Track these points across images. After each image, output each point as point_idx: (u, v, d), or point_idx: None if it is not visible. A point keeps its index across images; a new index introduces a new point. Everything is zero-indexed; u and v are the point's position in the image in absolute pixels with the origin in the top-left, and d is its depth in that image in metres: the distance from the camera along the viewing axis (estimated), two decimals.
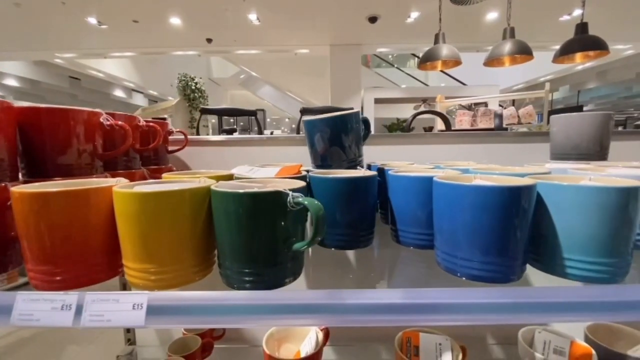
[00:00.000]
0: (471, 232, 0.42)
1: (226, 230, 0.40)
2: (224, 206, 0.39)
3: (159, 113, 3.38)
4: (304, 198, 0.38)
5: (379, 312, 0.37)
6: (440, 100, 3.87)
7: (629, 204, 0.39)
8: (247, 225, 0.38)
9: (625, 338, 0.88)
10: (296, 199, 0.38)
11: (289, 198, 0.38)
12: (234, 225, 0.39)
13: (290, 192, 0.38)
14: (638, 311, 0.37)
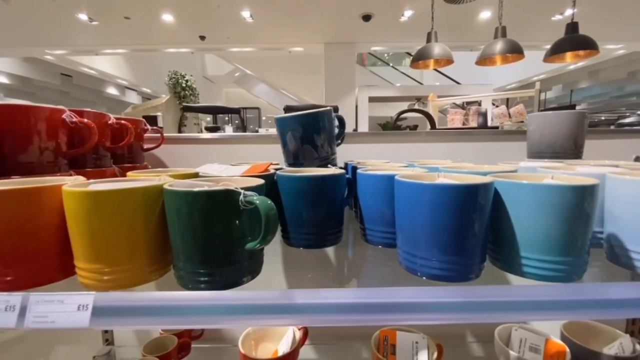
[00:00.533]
0: (428, 230, 0.42)
1: (177, 229, 0.39)
2: (174, 205, 0.38)
3: (149, 111, 3.33)
4: (256, 197, 0.37)
5: (336, 311, 0.36)
6: (432, 99, 3.87)
7: (584, 203, 0.39)
8: (198, 224, 0.37)
9: (602, 335, 0.88)
10: (248, 198, 0.37)
11: (241, 197, 0.37)
12: (184, 225, 0.38)
13: (242, 190, 0.37)
14: (591, 310, 0.37)
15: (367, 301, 0.36)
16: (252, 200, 0.37)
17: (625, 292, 0.36)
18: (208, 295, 0.37)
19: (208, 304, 0.36)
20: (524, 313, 0.37)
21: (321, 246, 0.55)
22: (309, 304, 0.36)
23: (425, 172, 0.53)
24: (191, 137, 0.96)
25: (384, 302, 0.37)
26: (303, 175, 0.52)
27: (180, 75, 3.03)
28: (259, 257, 0.45)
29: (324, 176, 0.53)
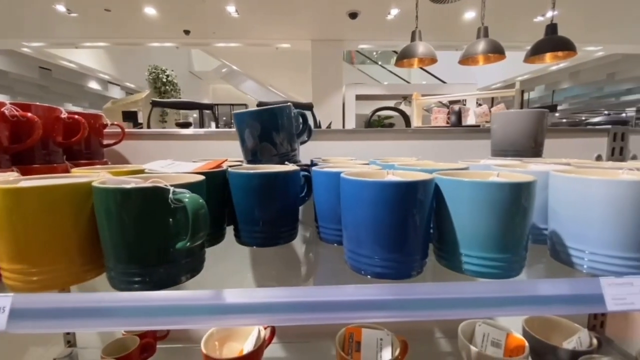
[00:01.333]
0: (369, 228, 0.41)
1: (105, 228, 0.37)
2: (100, 202, 0.37)
3: (129, 106, 3.26)
4: (188, 195, 0.36)
5: (266, 311, 0.36)
6: (416, 97, 3.90)
7: (520, 200, 0.39)
8: (125, 222, 0.36)
9: (562, 330, 0.90)
10: (177, 196, 0.36)
11: (170, 194, 0.36)
12: (111, 223, 0.37)
13: (171, 188, 0.36)
14: (522, 306, 0.37)
15: (294, 300, 0.35)
16: (180, 198, 0.36)
17: (555, 289, 0.37)
18: (136, 297, 0.36)
19: (134, 305, 0.35)
20: (457, 310, 0.37)
21: (274, 244, 0.54)
22: (239, 303, 0.35)
23: (377, 170, 0.53)
24: (155, 133, 0.94)
25: (316, 301, 0.36)
26: (253, 172, 0.51)
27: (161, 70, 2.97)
28: (199, 255, 0.43)
29: (275, 173, 0.52)
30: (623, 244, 0.40)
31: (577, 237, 0.43)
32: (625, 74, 7.78)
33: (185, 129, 0.99)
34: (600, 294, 0.36)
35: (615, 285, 0.36)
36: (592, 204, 0.40)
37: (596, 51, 6.52)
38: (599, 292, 0.36)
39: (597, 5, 4.68)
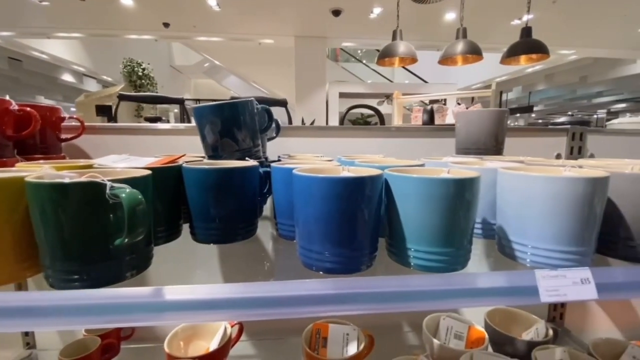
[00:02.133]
0: (319, 224, 0.41)
1: (40, 224, 0.36)
2: (33, 198, 0.35)
3: (103, 100, 3.14)
4: (128, 190, 0.35)
5: (206, 307, 0.35)
6: (397, 96, 3.95)
7: (464, 195, 0.40)
8: (57, 218, 0.35)
9: (522, 321, 0.94)
10: (114, 191, 0.35)
11: (107, 190, 0.35)
12: (44, 219, 0.35)
13: (108, 182, 0.35)
14: (467, 299, 0.38)
15: (240, 296, 0.35)
16: (117, 193, 0.34)
17: (493, 282, 0.38)
18: (72, 295, 0.35)
19: (68, 304, 0.34)
20: (402, 303, 0.37)
21: (231, 241, 0.54)
22: (177, 300, 0.34)
23: (333, 166, 0.53)
24: (119, 127, 0.91)
25: (266, 297, 0.36)
26: (207, 168, 0.50)
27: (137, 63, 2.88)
28: (145, 252, 0.42)
29: (230, 169, 0.51)
30: (560, 238, 0.41)
31: (520, 232, 0.44)
32: (596, 77, 8.13)
33: (153, 124, 0.96)
34: (534, 286, 0.37)
35: (549, 278, 0.38)
36: (532, 200, 0.42)
37: (569, 55, 6.78)
38: (533, 284, 0.38)
39: (570, 10, 4.86)
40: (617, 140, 1.16)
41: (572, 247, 0.41)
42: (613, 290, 0.39)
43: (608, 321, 1.16)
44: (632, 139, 1.16)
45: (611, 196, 0.46)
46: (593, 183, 0.39)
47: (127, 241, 0.36)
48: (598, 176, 0.40)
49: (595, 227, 0.42)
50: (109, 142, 0.90)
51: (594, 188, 0.39)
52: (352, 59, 9.54)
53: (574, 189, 0.39)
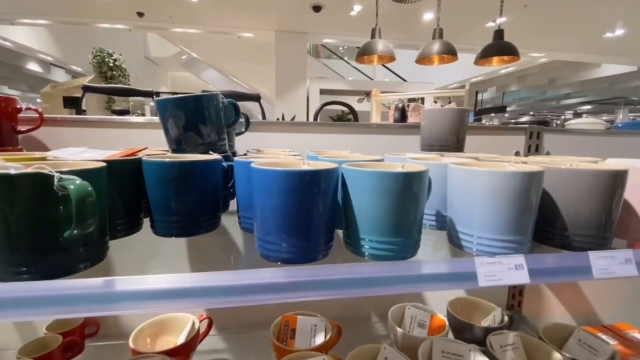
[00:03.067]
0: (275, 216, 0.42)
1: None
2: None
3: (71, 91, 3.00)
4: (78, 181, 0.35)
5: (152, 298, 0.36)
6: (375, 94, 4.00)
7: (412, 187, 0.43)
8: (3, 210, 0.34)
9: (481, 310, 0.99)
10: (62, 182, 0.34)
11: (55, 181, 0.34)
12: None
13: (55, 174, 0.34)
14: (412, 284, 0.41)
15: (185, 286, 0.35)
16: (65, 185, 0.34)
17: (436, 269, 0.40)
18: (14, 287, 0.34)
19: (9, 297, 0.33)
20: (350, 290, 0.39)
21: (193, 234, 0.54)
22: (129, 290, 0.34)
23: (294, 161, 0.54)
24: (80, 120, 0.88)
25: (206, 286, 0.37)
26: (166, 161, 0.50)
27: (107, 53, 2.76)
28: (99, 244, 0.42)
29: (191, 162, 0.51)
30: (500, 228, 0.45)
31: (466, 223, 0.48)
32: (564, 80, 8.56)
33: (119, 117, 0.94)
34: (474, 272, 0.40)
35: (487, 264, 0.41)
36: (476, 193, 0.45)
37: (539, 57, 7.09)
38: (473, 270, 0.40)
39: (541, 15, 5.08)
40: (573, 138, 1.24)
41: (510, 236, 0.44)
42: (544, 275, 0.42)
43: (562, 308, 1.24)
44: (585, 137, 1.24)
45: (549, 190, 0.50)
46: (528, 177, 0.43)
47: (76, 233, 0.35)
48: (532, 171, 0.43)
49: (531, 217, 0.45)
50: (71, 135, 0.87)
51: (528, 181, 0.43)
52: (334, 56, 9.55)
53: (510, 182, 0.42)
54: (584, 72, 8.11)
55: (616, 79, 8.07)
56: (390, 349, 0.75)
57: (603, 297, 1.26)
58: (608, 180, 0.46)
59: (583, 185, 0.47)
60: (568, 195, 0.48)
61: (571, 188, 0.48)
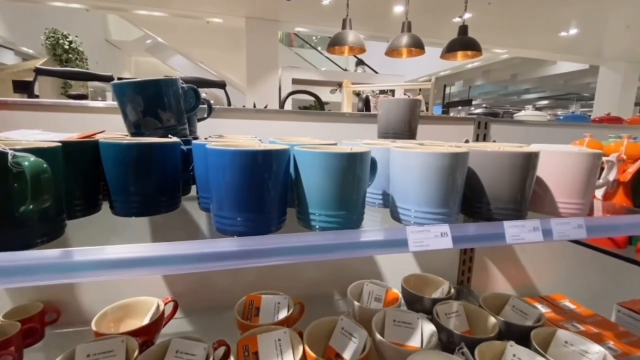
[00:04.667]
0: (231, 192, 0.46)
1: None
2: None
3: (22, 75, 2.78)
4: (28, 159, 0.36)
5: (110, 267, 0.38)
6: (346, 85, 4.06)
7: (355, 166, 0.48)
8: None
9: (433, 285, 1.09)
10: (16, 159, 0.36)
11: (9, 158, 0.36)
12: None
13: (10, 151, 0.36)
14: (352, 250, 0.46)
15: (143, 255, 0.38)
16: (20, 161, 0.36)
17: (373, 236, 0.46)
18: None
19: None
20: (297, 256, 0.44)
21: (152, 214, 0.56)
22: (85, 260, 0.37)
23: (250, 143, 0.57)
24: (32, 103, 0.85)
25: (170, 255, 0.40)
26: (123, 143, 0.51)
27: (62, 34, 2.58)
28: (56, 221, 0.44)
29: (148, 144, 0.53)
30: (431, 202, 0.51)
31: (404, 199, 0.54)
32: (525, 76, 9.07)
33: (75, 101, 0.91)
34: (405, 239, 0.46)
35: (416, 232, 0.47)
36: (410, 171, 0.51)
37: (502, 53, 7.45)
38: (404, 237, 0.47)
39: (503, 12, 5.33)
40: (518, 128, 1.36)
41: (440, 209, 0.51)
42: (465, 241, 0.49)
43: (506, 283, 1.38)
44: (528, 127, 1.37)
45: (476, 170, 0.57)
46: (454, 157, 0.49)
47: (32, 208, 0.37)
48: (457, 152, 0.50)
49: (458, 192, 0.52)
50: (23, 119, 0.84)
51: (454, 161, 0.49)
52: (307, 45, 9.49)
53: (438, 161, 0.49)
54: (542, 69, 8.64)
55: (570, 75, 8.67)
56: (347, 320, 0.82)
57: (542, 271, 1.41)
58: (522, 161, 0.54)
59: (502, 165, 0.54)
60: (490, 174, 0.56)
61: (492, 168, 0.55)
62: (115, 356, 0.72)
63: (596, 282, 1.47)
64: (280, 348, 0.74)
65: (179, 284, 1.02)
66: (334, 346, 0.79)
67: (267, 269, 1.10)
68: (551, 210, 0.61)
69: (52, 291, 0.93)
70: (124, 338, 0.74)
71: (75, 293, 0.95)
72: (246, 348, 0.73)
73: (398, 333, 0.82)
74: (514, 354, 0.74)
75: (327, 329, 0.83)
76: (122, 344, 0.73)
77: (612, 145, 0.84)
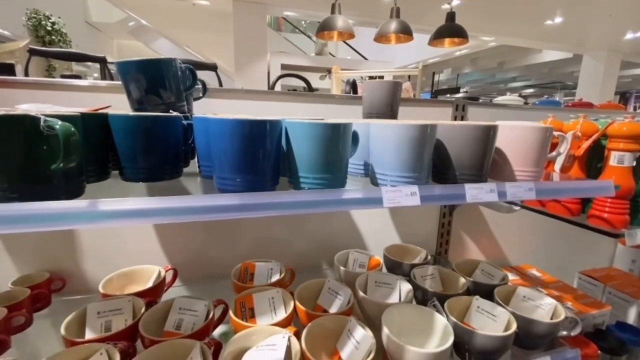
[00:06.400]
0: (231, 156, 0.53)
1: None
2: None
3: (3, 57, 2.72)
4: (57, 122, 0.42)
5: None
6: (336, 71, 4.09)
7: (338, 135, 0.55)
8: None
9: (412, 254, 1.19)
10: (48, 123, 0.42)
11: (41, 122, 0.42)
12: None
13: (41, 116, 0.42)
14: (335, 206, 0.54)
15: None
16: (52, 124, 0.42)
17: (354, 194, 0.54)
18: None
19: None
20: (289, 210, 0.51)
21: (158, 179, 0.63)
22: (109, 210, 0.44)
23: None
24: (29, 82, 0.88)
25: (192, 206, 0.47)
26: (131, 115, 0.57)
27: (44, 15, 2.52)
28: (78, 181, 0.50)
29: (154, 116, 0.59)
30: (404, 167, 0.59)
31: (380, 165, 0.62)
32: (511, 64, 9.21)
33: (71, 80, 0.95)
34: (380, 197, 0.55)
35: (390, 192, 0.55)
36: (386, 141, 0.59)
37: (490, 41, 7.54)
38: (380, 196, 0.55)
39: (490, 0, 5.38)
40: (494, 111, 1.45)
41: (411, 173, 0.59)
42: (431, 200, 0.58)
43: (480, 255, 1.50)
44: (504, 110, 1.46)
45: (444, 141, 0.65)
46: (422, 128, 0.57)
47: (62, 166, 0.43)
48: (426, 124, 0.58)
49: (427, 159, 0.61)
50: (22, 97, 0.88)
51: (423, 131, 0.57)
52: (296, 30, 9.36)
53: (409, 132, 0.57)
54: (528, 57, 8.78)
55: (555, 64, 8.86)
56: (334, 281, 0.91)
57: (513, 244, 1.54)
58: (482, 133, 0.62)
59: (466, 137, 0.63)
60: (455, 145, 0.64)
61: (458, 139, 0.64)
62: (123, 314, 0.79)
63: (562, 254, 1.61)
64: (273, 304, 0.83)
65: (178, 255, 1.09)
66: (322, 304, 0.89)
67: (260, 242, 1.18)
68: (509, 178, 0.71)
69: (57, 261, 0.99)
70: (131, 298, 0.81)
71: (79, 263, 1.01)
72: (243, 304, 0.82)
73: (379, 292, 0.92)
74: (478, 306, 0.84)
75: (315, 290, 0.92)
76: (129, 303, 0.81)
77: (570, 124, 0.94)
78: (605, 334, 1.06)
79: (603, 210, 0.85)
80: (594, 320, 1.10)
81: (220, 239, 1.13)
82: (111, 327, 0.77)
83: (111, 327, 0.77)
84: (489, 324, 0.80)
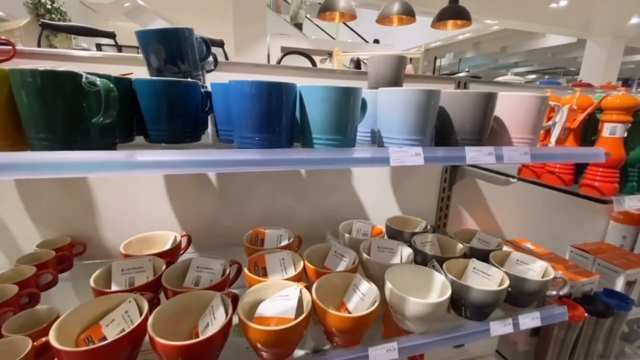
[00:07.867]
0: (250, 115, 0.57)
1: (26, 106, 0.46)
2: (22, 83, 0.44)
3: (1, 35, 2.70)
4: (97, 79, 0.47)
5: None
6: (337, 53, 4.07)
7: (350, 98, 0.60)
8: (42, 99, 0.45)
9: (413, 224, 1.25)
10: (90, 79, 0.46)
11: (83, 79, 0.46)
12: (32, 99, 0.45)
13: (83, 73, 0.46)
14: (346, 164, 0.59)
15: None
16: (93, 81, 0.46)
17: (364, 154, 0.59)
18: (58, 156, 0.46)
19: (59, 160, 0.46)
20: (305, 165, 0.56)
21: (179, 142, 0.67)
22: (145, 160, 0.48)
23: None
24: (53, 53, 0.90)
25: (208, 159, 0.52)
26: (155, 79, 0.62)
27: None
28: (112, 135, 0.55)
29: (177, 81, 0.63)
30: (409, 131, 0.64)
31: (387, 129, 0.66)
32: (514, 49, 9.09)
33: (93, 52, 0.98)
34: (387, 157, 0.60)
35: (397, 152, 0.60)
36: (393, 106, 0.63)
37: (493, 25, 7.44)
38: (387, 156, 0.60)
39: None
40: (494, 89, 1.48)
41: (416, 136, 0.64)
42: (434, 160, 0.63)
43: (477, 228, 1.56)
44: (505, 87, 1.50)
45: (447, 108, 0.69)
46: (427, 93, 0.62)
47: (101, 120, 0.48)
48: (430, 89, 0.62)
49: (431, 122, 0.65)
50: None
51: (428, 96, 0.62)
52: None
53: (415, 96, 0.61)
54: (531, 42, 8.66)
55: (558, 49, 8.75)
56: (339, 245, 0.97)
57: (509, 219, 1.60)
58: (482, 99, 0.66)
59: (466, 103, 0.67)
60: (457, 111, 0.69)
61: (459, 106, 0.68)
62: (144, 272, 0.86)
63: (556, 231, 1.68)
64: (284, 264, 0.89)
65: (191, 223, 1.15)
66: (328, 266, 0.95)
67: (268, 213, 1.23)
68: (507, 144, 0.75)
69: (78, 226, 1.05)
70: (151, 258, 0.87)
71: (98, 229, 1.07)
72: (256, 264, 0.88)
73: (381, 256, 0.98)
74: (474, 267, 0.91)
75: (322, 254, 0.98)
76: (150, 262, 0.87)
77: (567, 97, 0.98)
78: (592, 298, 1.14)
79: (594, 179, 0.90)
80: (582, 288, 1.17)
81: (231, 209, 1.18)
82: (134, 283, 0.83)
83: (134, 283, 0.83)
84: (484, 283, 0.86)
